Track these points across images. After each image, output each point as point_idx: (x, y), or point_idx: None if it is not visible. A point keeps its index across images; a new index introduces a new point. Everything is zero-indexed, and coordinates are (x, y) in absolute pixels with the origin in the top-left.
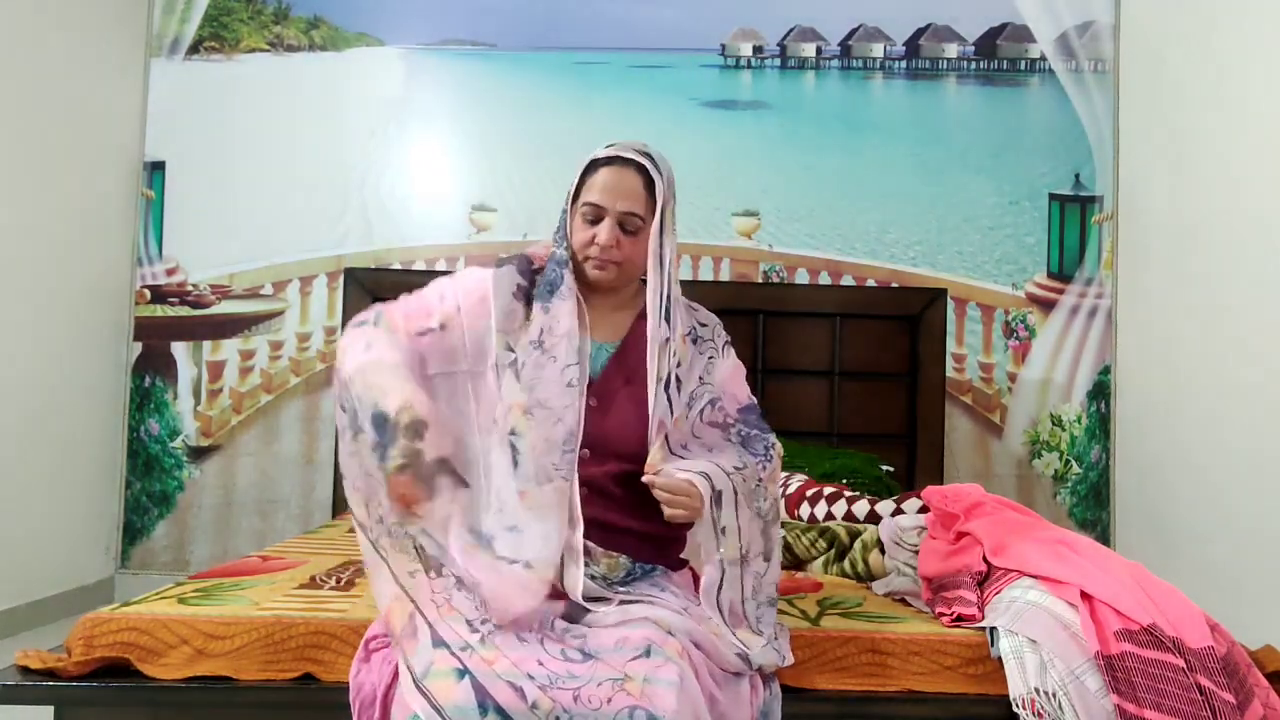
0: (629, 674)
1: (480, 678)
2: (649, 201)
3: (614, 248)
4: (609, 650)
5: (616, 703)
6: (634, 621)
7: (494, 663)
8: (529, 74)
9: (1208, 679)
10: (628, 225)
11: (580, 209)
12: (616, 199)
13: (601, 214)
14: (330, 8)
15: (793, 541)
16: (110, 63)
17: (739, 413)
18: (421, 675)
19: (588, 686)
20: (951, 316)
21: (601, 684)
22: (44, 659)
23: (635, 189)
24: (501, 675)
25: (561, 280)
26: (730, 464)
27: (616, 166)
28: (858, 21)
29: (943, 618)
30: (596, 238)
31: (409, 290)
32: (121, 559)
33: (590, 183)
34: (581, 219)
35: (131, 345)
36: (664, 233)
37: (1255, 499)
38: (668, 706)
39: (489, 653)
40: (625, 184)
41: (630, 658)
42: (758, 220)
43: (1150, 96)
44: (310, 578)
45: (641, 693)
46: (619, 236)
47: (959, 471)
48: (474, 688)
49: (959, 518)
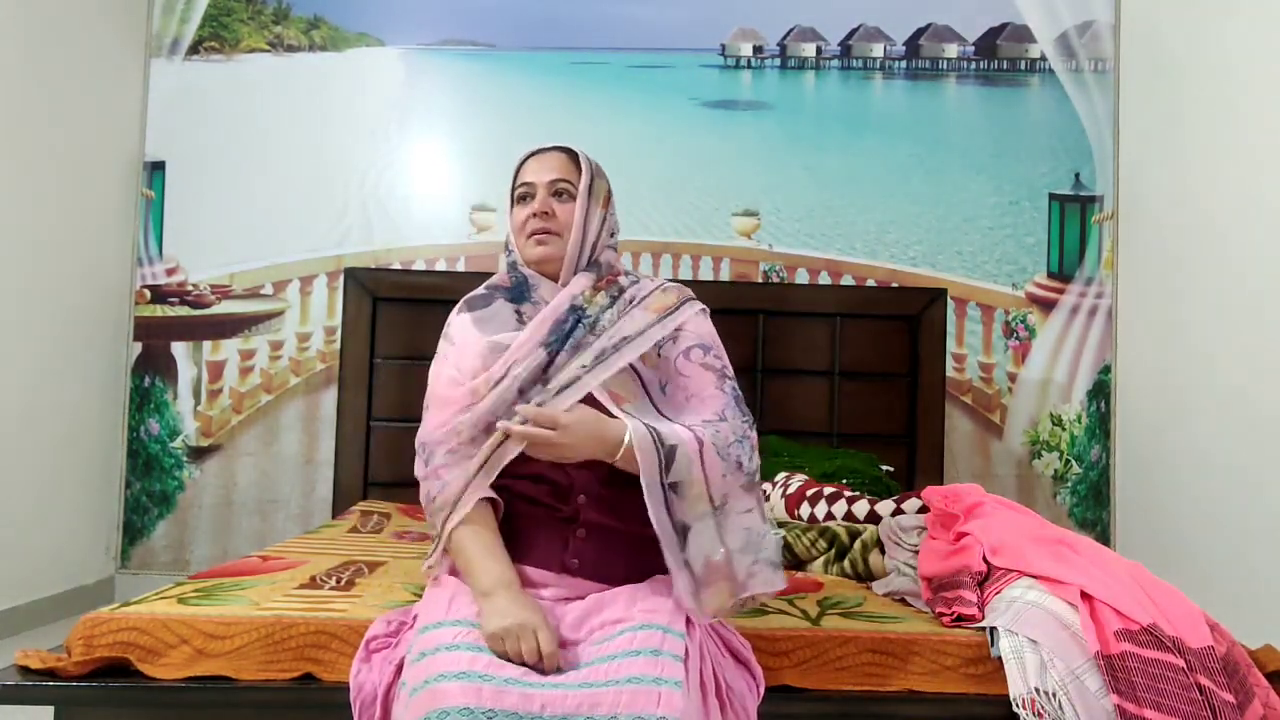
0: (633, 675)
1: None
2: (577, 174)
3: (548, 215)
4: (609, 655)
5: (622, 706)
6: (634, 623)
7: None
8: (529, 74)
9: (1208, 679)
10: (558, 190)
11: (515, 196)
12: (543, 172)
13: (532, 190)
14: (330, 8)
15: (793, 541)
16: (110, 63)
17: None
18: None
19: (590, 691)
20: (951, 316)
21: (605, 687)
22: (44, 659)
23: (561, 163)
24: (508, 679)
25: (524, 279)
26: (712, 412)
27: (540, 154)
28: (858, 21)
29: (943, 618)
30: (530, 209)
31: (409, 290)
32: (121, 559)
33: (521, 172)
34: (517, 205)
35: (131, 345)
36: (591, 200)
37: (1255, 499)
38: (675, 706)
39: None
40: (550, 161)
41: (634, 658)
42: (758, 220)
43: (1150, 96)
44: (310, 578)
45: (648, 694)
46: (552, 205)
47: (959, 471)
48: (480, 692)
49: (959, 518)
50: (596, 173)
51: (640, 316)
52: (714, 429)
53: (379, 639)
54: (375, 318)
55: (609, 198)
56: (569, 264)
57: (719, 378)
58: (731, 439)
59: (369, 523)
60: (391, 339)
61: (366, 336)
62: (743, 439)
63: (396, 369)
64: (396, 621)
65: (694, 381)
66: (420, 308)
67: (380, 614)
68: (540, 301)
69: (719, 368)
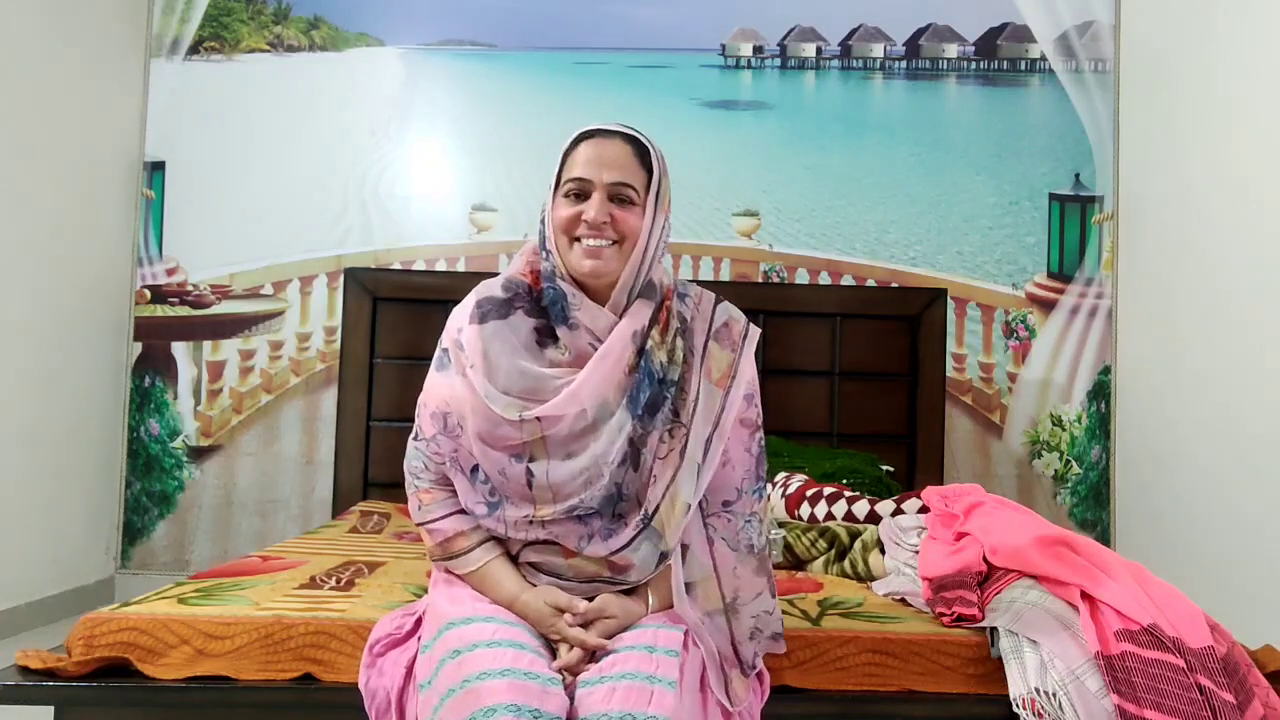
0: (626, 671)
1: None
2: (642, 175)
3: (606, 224)
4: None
5: (615, 702)
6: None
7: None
8: (529, 74)
9: (1208, 679)
10: (620, 196)
11: (563, 189)
12: (603, 169)
13: (588, 188)
14: (330, 8)
15: (793, 541)
16: (110, 63)
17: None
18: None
19: (589, 688)
20: (951, 316)
21: (602, 684)
22: (44, 659)
23: (626, 157)
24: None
25: (563, 295)
26: (733, 488)
27: (599, 139)
28: (858, 21)
29: (943, 618)
30: (584, 214)
31: (409, 290)
32: (121, 559)
33: (572, 160)
34: (564, 199)
35: (131, 345)
36: (658, 208)
37: (1256, 498)
38: (667, 706)
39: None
40: (613, 153)
41: (630, 652)
42: (758, 220)
43: (1150, 96)
44: (310, 578)
45: (640, 691)
46: (612, 210)
47: (959, 471)
48: (526, 690)
49: (959, 518)
50: (663, 170)
51: (714, 394)
52: (727, 516)
53: (384, 641)
54: (375, 318)
55: (669, 200)
56: (624, 286)
57: (750, 435)
58: (740, 524)
59: (369, 523)
60: (391, 339)
61: (366, 336)
62: (750, 516)
63: (396, 369)
64: (400, 621)
65: (732, 441)
66: (420, 308)
67: (380, 614)
68: (580, 327)
69: (754, 421)
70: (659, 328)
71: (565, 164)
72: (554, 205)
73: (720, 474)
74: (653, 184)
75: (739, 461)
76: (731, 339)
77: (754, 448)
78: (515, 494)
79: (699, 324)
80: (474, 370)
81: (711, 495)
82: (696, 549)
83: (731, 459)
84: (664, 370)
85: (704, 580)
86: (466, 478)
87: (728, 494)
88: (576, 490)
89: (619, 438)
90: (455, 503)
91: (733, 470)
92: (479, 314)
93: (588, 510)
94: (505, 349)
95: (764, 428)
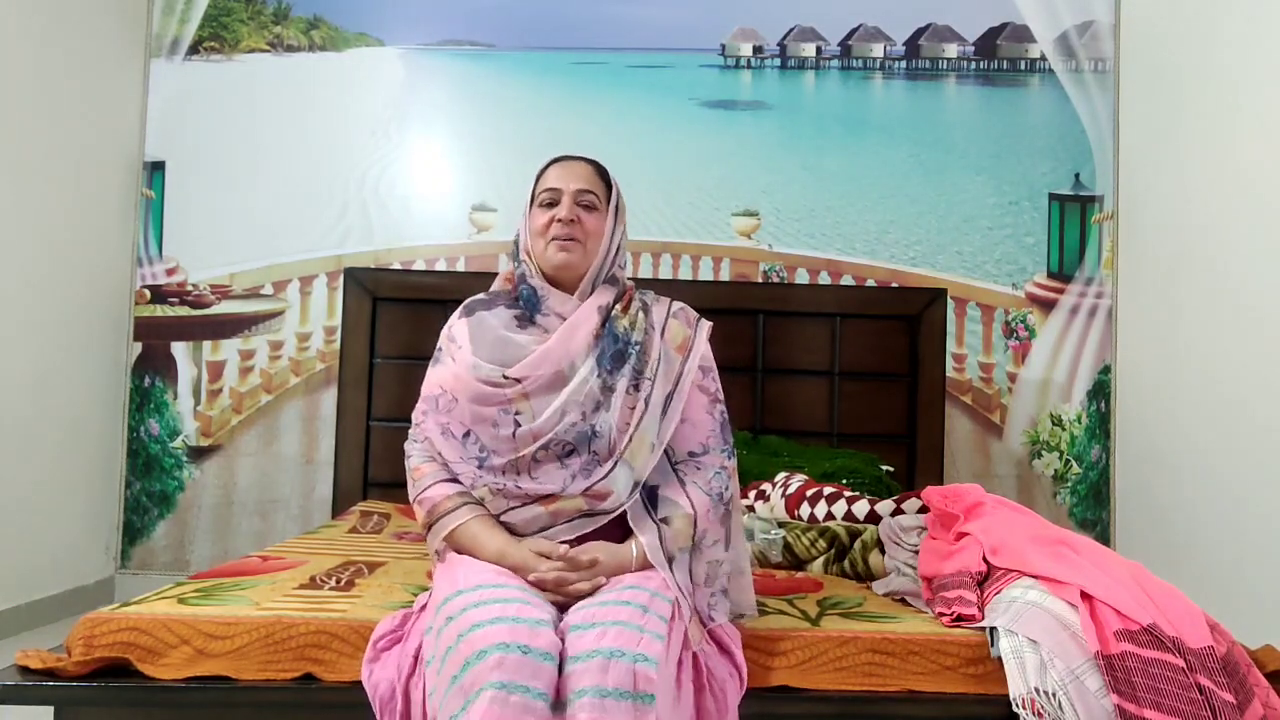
0: (619, 620)
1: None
2: (603, 187)
3: (574, 223)
4: (599, 602)
5: (606, 642)
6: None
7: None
8: (528, 74)
9: (1208, 679)
10: (584, 202)
11: (537, 200)
12: (570, 180)
13: (558, 195)
14: (330, 8)
15: (793, 541)
16: (110, 63)
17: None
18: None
19: (580, 631)
20: (951, 316)
21: (594, 628)
22: (44, 659)
23: (588, 174)
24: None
25: (534, 291)
26: (698, 442)
27: (566, 161)
28: (858, 21)
29: (943, 618)
30: (556, 214)
31: (409, 290)
32: (121, 559)
33: (544, 178)
34: (539, 209)
35: (131, 345)
36: (617, 217)
37: (1256, 498)
38: (655, 651)
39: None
40: (577, 170)
41: (623, 607)
42: (758, 220)
43: (1150, 96)
44: (310, 578)
45: (631, 635)
46: (578, 213)
47: (959, 471)
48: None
49: (959, 518)
50: (619, 190)
51: (673, 359)
52: (695, 464)
53: (387, 636)
54: (375, 318)
55: (625, 214)
56: (590, 278)
57: (711, 402)
58: (711, 474)
59: (369, 523)
60: (391, 339)
61: (366, 336)
62: (720, 470)
63: (396, 369)
64: (403, 617)
65: (690, 405)
66: (420, 308)
67: (380, 614)
68: (551, 314)
69: (713, 391)
70: (621, 305)
71: (538, 182)
72: (530, 215)
73: (682, 429)
74: (612, 197)
75: (700, 422)
76: (688, 319)
77: (715, 414)
78: (504, 443)
79: (658, 309)
80: (462, 350)
81: (677, 446)
82: (670, 491)
83: (691, 418)
84: (627, 334)
85: (679, 517)
86: (458, 441)
87: (693, 446)
88: (553, 426)
89: (589, 381)
90: (444, 473)
91: (694, 428)
92: (466, 311)
93: (566, 448)
94: (488, 329)
95: (760, 422)
